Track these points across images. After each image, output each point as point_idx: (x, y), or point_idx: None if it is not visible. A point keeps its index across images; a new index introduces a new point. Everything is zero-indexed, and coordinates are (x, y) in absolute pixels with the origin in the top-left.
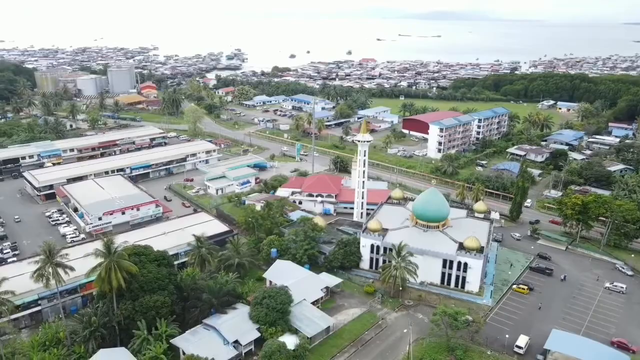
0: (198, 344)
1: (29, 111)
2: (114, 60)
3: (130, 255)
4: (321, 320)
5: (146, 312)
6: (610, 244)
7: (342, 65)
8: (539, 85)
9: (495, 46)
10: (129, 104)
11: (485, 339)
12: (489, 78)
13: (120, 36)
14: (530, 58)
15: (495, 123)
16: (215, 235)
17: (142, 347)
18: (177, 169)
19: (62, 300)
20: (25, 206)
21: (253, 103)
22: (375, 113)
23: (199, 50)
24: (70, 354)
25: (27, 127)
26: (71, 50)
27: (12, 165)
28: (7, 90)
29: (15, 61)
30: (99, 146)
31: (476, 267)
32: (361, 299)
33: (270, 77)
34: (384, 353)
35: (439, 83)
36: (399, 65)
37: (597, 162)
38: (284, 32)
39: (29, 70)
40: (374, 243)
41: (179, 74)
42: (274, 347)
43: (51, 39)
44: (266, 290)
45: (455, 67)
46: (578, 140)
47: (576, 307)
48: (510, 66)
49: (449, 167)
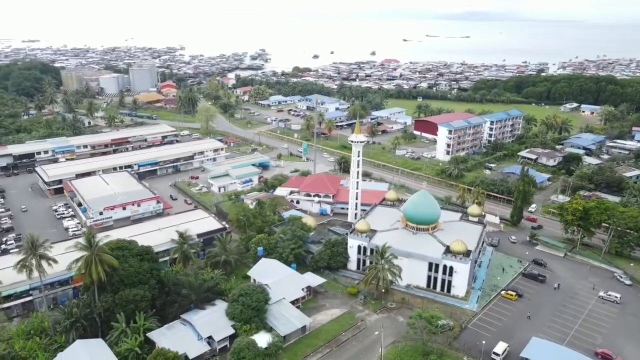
0: (172, 338)
1: (52, 108)
2: (141, 60)
3: (113, 249)
4: (297, 320)
5: (126, 305)
6: (611, 252)
7: (363, 66)
8: (563, 87)
9: (525, 47)
10: (148, 102)
11: (463, 345)
12: (511, 80)
13: (150, 36)
14: (560, 59)
15: (508, 125)
16: (208, 232)
17: (119, 339)
18: (184, 167)
19: (53, 292)
20: (35, 199)
21: (268, 103)
22: (390, 114)
23: (224, 51)
24: (52, 343)
25: (45, 124)
26: (101, 49)
27: (27, 160)
28: (34, 88)
29: (46, 60)
30: (111, 143)
31: (462, 271)
32: (344, 300)
33: (291, 77)
34: (358, 355)
35: (461, 84)
36: (421, 66)
37: (608, 167)
38: (312, 33)
39: (56, 68)
40: (361, 244)
41: (200, 73)
42: (242, 345)
43: (84, 38)
44: (243, 288)
45: (479, 68)
46: (597, 144)
47: (564, 316)
48: (537, 68)
49: (454, 169)
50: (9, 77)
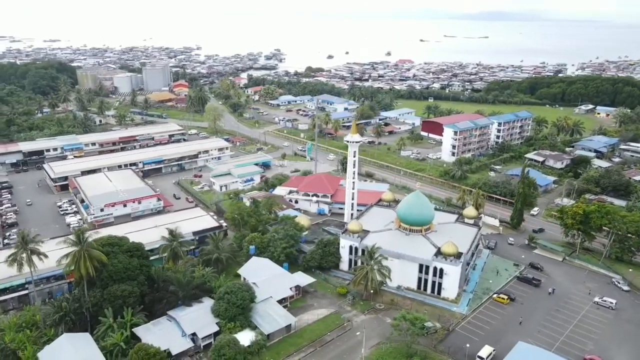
0: (157, 334)
1: (66, 107)
2: (157, 60)
3: (104, 245)
4: (282, 319)
5: (113, 300)
6: (612, 257)
7: (377, 66)
8: (578, 88)
9: (544, 48)
10: (160, 101)
11: (448, 348)
12: (525, 81)
13: (167, 36)
14: (579, 60)
15: (517, 127)
16: (204, 230)
17: (106, 334)
18: (188, 165)
19: (48, 286)
20: (42, 195)
21: (278, 102)
22: (398, 115)
23: (239, 50)
24: (42, 336)
25: (56, 122)
26: (119, 49)
27: (37, 157)
28: (49, 86)
29: (65, 59)
30: (119, 141)
31: (452, 274)
32: (332, 300)
33: (303, 77)
34: (341, 355)
35: (474, 85)
36: (435, 66)
37: (615, 171)
38: (330, 32)
39: (72, 67)
40: (352, 244)
41: (214, 73)
42: (223, 342)
43: (104, 38)
44: (229, 286)
45: (494, 68)
46: (609, 147)
47: (556, 321)
48: (554, 69)
49: (457, 171)
50: (27, 75)
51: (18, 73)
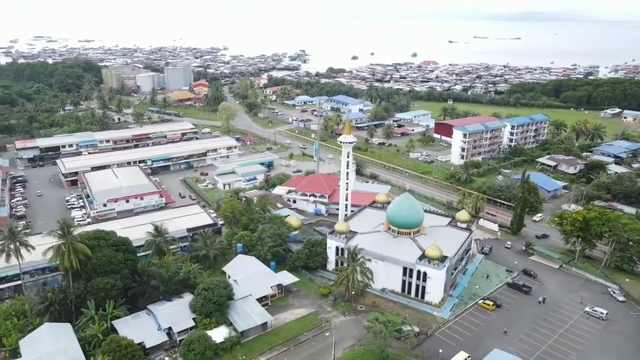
0: (135, 327)
1: (88, 104)
2: (183, 60)
3: (90, 239)
4: (258, 316)
5: (96, 292)
6: (611, 266)
7: (400, 67)
8: (605, 91)
9: (579, 49)
10: (179, 100)
11: (423, 353)
12: (550, 83)
13: (196, 37)
14: (613, 62)
15: (531, 130)
16: (198, 227)
17: (87, 325)
18: (197, 163)
19: (43, 277)
20: (53, 190)
21: (294, 102)
22: (413, 116)
23: (265, 51)
24: (28, 325)
25: (75, 119)
26: (148, 49)
27: (52, 153)
28: (75, 85)
29: (96, 59)
30: (132, 138)
31: (436, 277)
32: (314, 300)
33: (324, 78)
34: (314, 355)
35: (498, 87)
36: (460, 68)
37: (628, 177)
38: (358, 33)
39: (98, 67)
40: (338, 245)
41: (236, 72)
42: (194, 337)
43: (135, 39)
44: (207, 282)
45: (521, 70)
46: (630, 152)
47: (541, 329)
48: (585, 71)
49: (463, 174)
50: (54, 74)
51: (47, 72)
